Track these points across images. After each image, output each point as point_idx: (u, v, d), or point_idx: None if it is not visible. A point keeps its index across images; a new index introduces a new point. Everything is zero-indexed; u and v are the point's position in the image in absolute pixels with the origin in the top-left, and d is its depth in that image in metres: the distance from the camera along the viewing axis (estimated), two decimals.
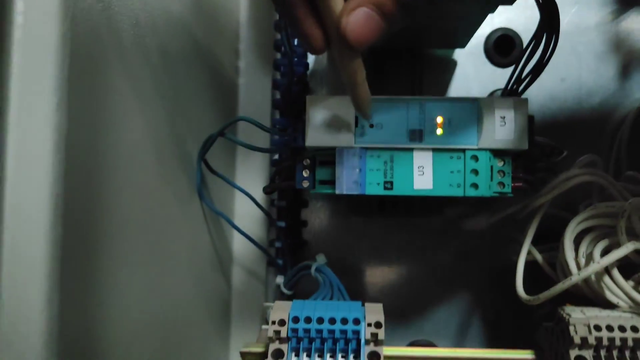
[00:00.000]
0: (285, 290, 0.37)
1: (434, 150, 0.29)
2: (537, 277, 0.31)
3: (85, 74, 0.21)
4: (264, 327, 0.33)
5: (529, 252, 0.33)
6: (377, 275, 0.41)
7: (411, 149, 0.29)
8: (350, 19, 0.21)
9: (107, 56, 0.23)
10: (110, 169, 0.23)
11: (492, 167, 0.29)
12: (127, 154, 0.25)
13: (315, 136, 0.29)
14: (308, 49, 0.24)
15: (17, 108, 0.18)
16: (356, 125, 0.29)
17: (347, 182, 0.29)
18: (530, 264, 0.33)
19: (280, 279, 0.38)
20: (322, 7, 0.22)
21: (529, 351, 0.30)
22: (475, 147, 0.29)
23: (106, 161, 0.23)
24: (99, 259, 0.22)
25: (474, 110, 0.29)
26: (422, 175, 0.29)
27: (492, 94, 0.38)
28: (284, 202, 0.39)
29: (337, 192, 0.29)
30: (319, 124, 0.29)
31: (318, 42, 0.23)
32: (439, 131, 0.29)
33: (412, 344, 0.40)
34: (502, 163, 0.29)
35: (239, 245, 0.40)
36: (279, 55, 0.40)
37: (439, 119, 0.29)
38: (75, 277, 0.20)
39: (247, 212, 0.40)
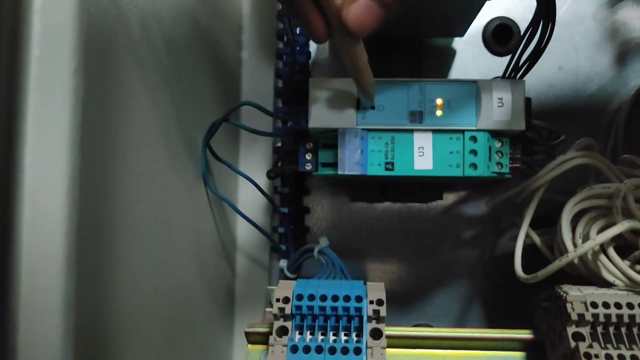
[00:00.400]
0: (288, 274, 0.37)
1: (434, 131, 0.29)
2: (537, 266, 0.32)
3: (98, 61, 0.21)
4: (268, 309, 0.34)
5: (528, 236, 0.34)
6: (379, 260, 0.42)
7: (411, 130, 0.29)
8: (351, 10, 0.22)
9: (117, 43, 0.23)
10: (121, 151, 0.24)
11: (490, 147, 0.30)
12: (137, 137, 0.25)
13: (318, 118, 0.29)
14: (311, 37, 0.25)
15: (36, 92, 0.19)
16: (358, 108, 0.30)
17: (349, 163, 0.29)
18: (529, 250, 0.33)
19: (283, 263, 0.38)
20: None
21: (527, 331, 0.31)
22: (474, 127, 0.29)
23: (118, 143, 0.23)
24: (112, 236, 0.23)
25: (472, 91, 0.29)
26: (422, 155, 0.29)
27: None
28: (287, 188, 0.39)
29: (340, 172, 0.29)
30: (322, 105, 0.29)
31: (320, 31, 0.24)
32: (439, 112, 0.29)
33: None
34: (500, 144, 0.30)
35: (243, 231, 0.41)
36: (281, 45, 0.41)
37: (439, 101, 0.29)
38: (90, 252, 0.21)
39: (250, 199, 0.40)
